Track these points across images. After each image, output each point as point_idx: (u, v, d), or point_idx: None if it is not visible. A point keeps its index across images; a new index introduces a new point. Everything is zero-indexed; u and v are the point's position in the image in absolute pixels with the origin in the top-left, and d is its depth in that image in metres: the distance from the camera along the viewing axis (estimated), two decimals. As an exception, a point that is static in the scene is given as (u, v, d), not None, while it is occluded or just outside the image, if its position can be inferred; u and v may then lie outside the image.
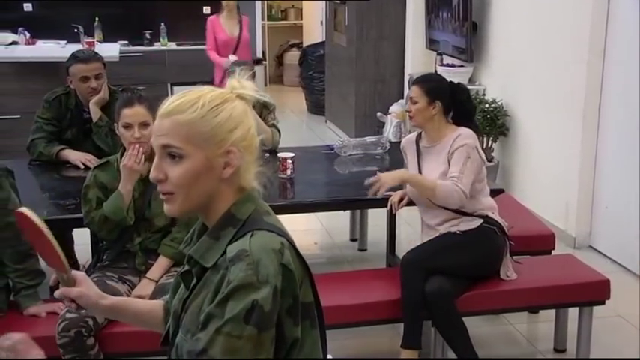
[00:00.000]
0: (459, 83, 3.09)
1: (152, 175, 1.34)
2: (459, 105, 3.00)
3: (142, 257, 2.76)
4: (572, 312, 3.13)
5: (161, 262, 2.73)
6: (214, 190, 1.35)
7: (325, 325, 1.46)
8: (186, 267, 1.41)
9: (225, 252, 1.32)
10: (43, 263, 2.69)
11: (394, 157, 3.41)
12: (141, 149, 2.67)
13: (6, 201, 2.54)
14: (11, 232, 2.55)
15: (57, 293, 1.54)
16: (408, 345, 2.83)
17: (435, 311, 2.80)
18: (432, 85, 2.99)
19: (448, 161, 2.90)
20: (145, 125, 2.67)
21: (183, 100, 1.35)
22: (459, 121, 3.00)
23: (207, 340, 1.24)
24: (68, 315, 2.45)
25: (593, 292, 3.02)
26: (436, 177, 2.91)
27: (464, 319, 2.84)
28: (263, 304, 1.24)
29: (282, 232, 1.35)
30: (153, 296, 2.63)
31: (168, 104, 1.36)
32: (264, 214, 1.38)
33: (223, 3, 6.00)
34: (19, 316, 2.64)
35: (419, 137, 3.08)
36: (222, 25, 5.97)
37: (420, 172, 3.02)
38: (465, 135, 2.91)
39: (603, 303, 3.03)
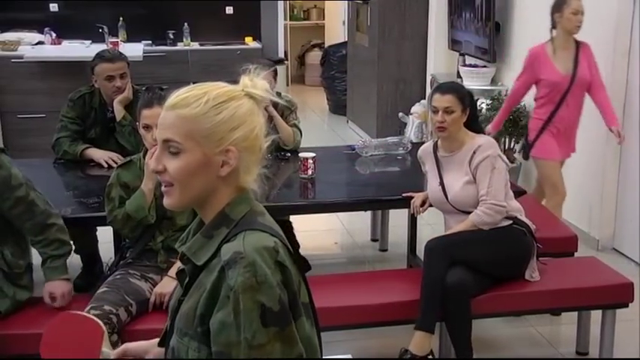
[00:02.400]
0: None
1: (152, 165, 1.36)
2: (472, 110, 3.01)
3: (164, 255, 2.79)
4: (595, 315, 3.10)
5: (183, 261, 2.75)
6: (211, 187, 1.35)
7: (321, 327, 1.45)
8: (181, 265, 1.41)
9: (218, 252, 1.31)
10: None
11: (415, 158, 3.40)
12: (159, 151, 2.68)
13: (8, 177, 2.55)
14: (23, 206, 2.58)
15: None
16: (421, 327, 2.81)
17: (451, 303, 2.78)
18: (463, 93, 2.98)
19: (472, 173, 2.90)
20: None
21: (189, 95, 1.35)
22: (468, 126, 2.99)
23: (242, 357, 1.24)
24: (92, 312, 2.47)
25: (616, 295, 2.99)
26: (460, 187, 2.93)
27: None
28: (272, 305, 1.24)
29: (275, 233, 1.34)
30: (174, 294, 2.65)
31: (174, 97, 1.36)
32: (259, 215, 1.37)
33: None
34: (47, 311, 2.66)
35: (435, 146, 3.07)
36: (551, 58, 4.00)
37: (441, 181, 3.01)
38: (486, 146, 2.90)
39: (627, 306, 3.00)
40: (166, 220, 2.78)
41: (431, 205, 3.13)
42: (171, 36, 7.39)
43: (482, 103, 5.03)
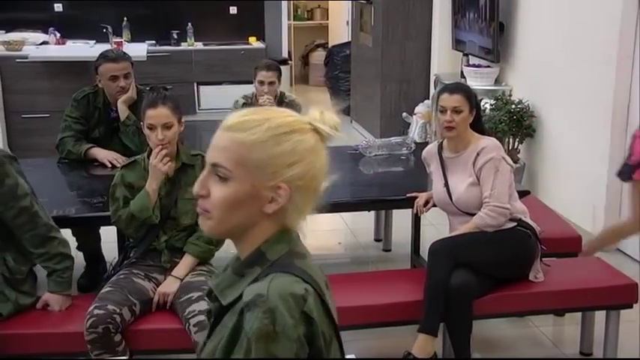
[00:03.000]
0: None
1: (195, 188, 1.25)
2: (477, 110, 3.01)
3: (168, 255, 2.79)
4: (599, 315, 3.09)
5: (186, 261, 2.75)
6: (253, 222, 1.23)
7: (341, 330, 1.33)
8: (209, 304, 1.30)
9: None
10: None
11: (419, 158, 3.39)
12: (164, 151, 2.69)
13: (15, 187, 2.56)
14: (26, 216, 2.59)
15: None
16: (424, 330, 2.81)
17: (453, 306, 2.78)
18: (470, 93, 2.98)
19: (476, 175, 2.90)
20: (167, 126, 2.69)
21: (248, 118, 1.22)
22: (472, 126, 2.99)
23: None
24: (96, 312, 2.48)
25: (620, 296, 2.98)
26: (464, 188, 2.93)
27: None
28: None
29: (310, 279, 1.20)
30: (177, 294, 2.66)
31: (232, 118, 1.23)
32: (298, 257, 1.24)
33: None
34: (48, 313, 2.68)
35: (440, 147, 3.07)
36: None
37: (446, 182, 3.01)
38: (490, 148, 2.90)
39: (631, 307, 3.00)
40: (170, 220, 2.78)
41: (434, 205, 3.13)
42: (175, 36, 7.40)
43: (486, 104, 5.02)
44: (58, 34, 6.79)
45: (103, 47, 5.26)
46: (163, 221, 2.76)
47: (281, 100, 3.86)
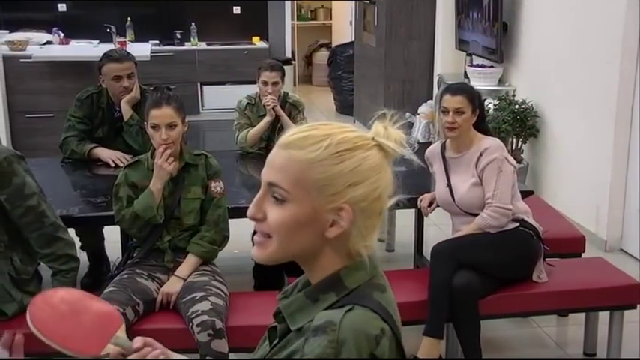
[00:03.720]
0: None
1: (250, 212, 1.15)
2: (481, 110, 3.00)
3: (171, 255, 2.79)
4: (603, 315, 3.09)
5: (190, 261, 2.76)
6: (315, 247, 1.13)
7: None
8: (274, 322, 1.21)
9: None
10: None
11: (422, 158, 3.38)
12: (168, 151, 2.70)
13: (22, 186, 2.57)
14: (33, 216, 2.59)
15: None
16: (430, 333, 2.81)
17: (458, 306, 2.78)
18: (473, 93, 2.98)
19: (478, 175, 2.90)
20: (171, 126, 2.69)
21: (307, 135, 1.12)
22: (475, 126, 2.98)
23: None
24: (98, 311, 2.48)
25: (624, 296, 2.97)
26: (466, 189, 2.93)
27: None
28: None
29: (388, 317, 1.11)
30: (180, 294, 2.66)
31: (290, 134, 1.14)
32: (377, 289, 1.14)
33: None
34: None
35: (443, 147, 3.07)
36: None
37: (448, 182, 3.01)
38: (493, 148, 2.90)
39: (634, 307, 3.00)
40: (173, 219, 2.78)
41: (438, 206, 3.13)
42: (179, 36, 7.41)
43: (490, 104, 5.02)
44: (62, 34, 6.80)
45: (107, 47, 5.26)
46: (167, 221, 2.77)
47: (284, 101, 3.86)
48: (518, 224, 2.93)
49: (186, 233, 2.80)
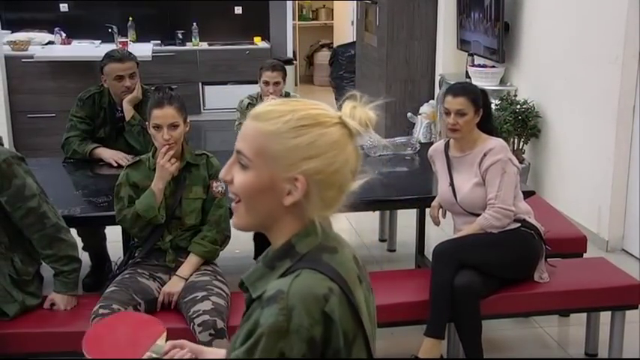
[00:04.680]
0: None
1: (221, 173, 1.27)
2: (485, 109, 2.99)
3: (173, 255, 2.79)
4: (604, 316, 3.09)
5: (191, 260, 2.76)
6: (276, 214, 1.22)
7: None
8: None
9: None
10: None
11: (424, 158, 3.39)
12: (170, 151, 2.70)
13: (22, 187, 2.57)
14: (34, 217, 2.59)
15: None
16: (431, 334, 2.81)
17: (460, 306, 2.78)
18: (476, 94, 2.96)
19: (481, 175, 2.90)
20: (174, 126, 2.70)
21: (273, 109, 1.22)
22: (480, 125, 2.98)
23: None
24: (101, 311, 2.49)
25: (625, 297, 2.97)
26: (469, 188, 2.93)
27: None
28: (291, 358, 1.11)
29: (337, 277, 1.18)
30: (182, 294, 2.66)
31: (260, 107, 1.24)
32: (328, 251, 1.22)
33: None
34: (54, 312, 2.69)
35: (447, 146, 3.07)
36: None
37: (451, 181, 3.00)
38: (497, 149, 2.89)
39: (636, 307, 2.99)
40: (175, 219, 2.78)
41: (441, 207, 3.13)
42: (180, 36, 7.41)
43: (491, 104, 5.01)
44: (64, 34, 6.81)
45: (109, 47, 5.27)
46: (168, 221, 2.77)
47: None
48: (519, 224, 2.93)
49: (187, 233, 2.80)
